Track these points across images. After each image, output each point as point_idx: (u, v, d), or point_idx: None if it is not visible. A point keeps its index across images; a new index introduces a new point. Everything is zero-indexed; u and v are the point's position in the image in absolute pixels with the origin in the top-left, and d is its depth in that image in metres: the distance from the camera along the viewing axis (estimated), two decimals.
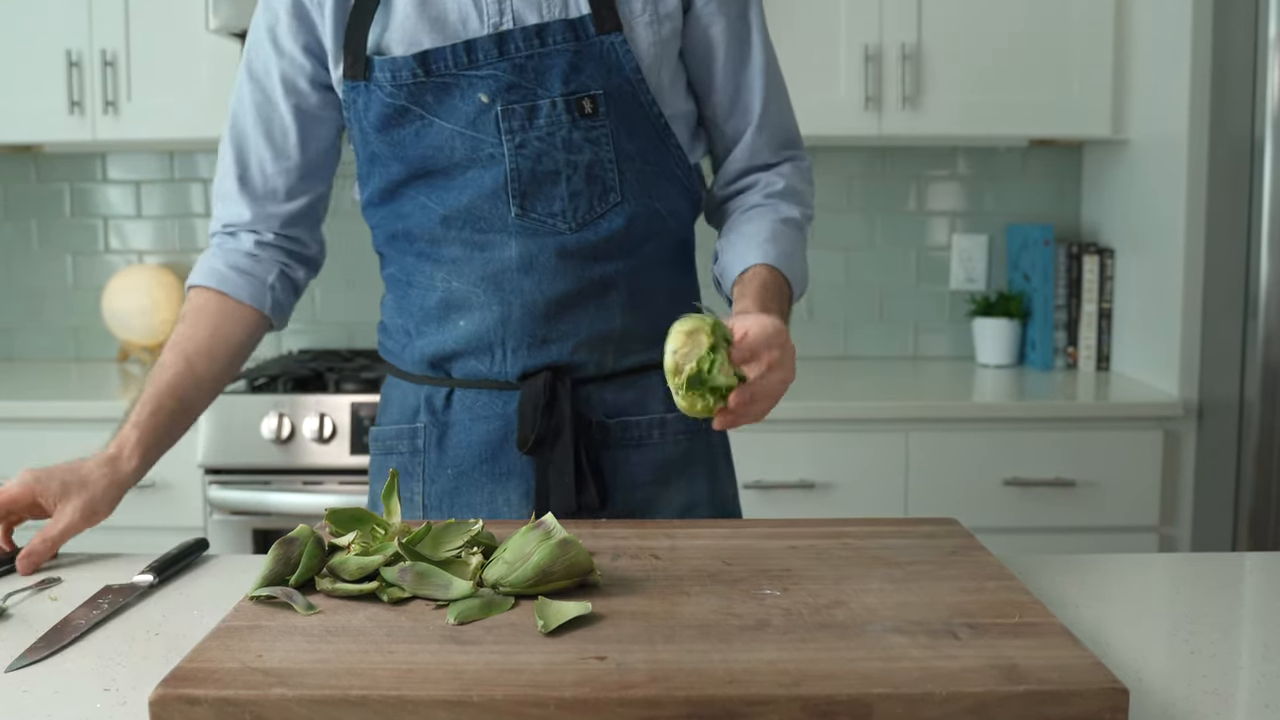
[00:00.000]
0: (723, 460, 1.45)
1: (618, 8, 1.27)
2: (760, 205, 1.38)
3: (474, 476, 1.35)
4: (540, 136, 1.27)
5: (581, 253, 1.30)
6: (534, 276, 1.30)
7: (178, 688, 0.79)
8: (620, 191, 1.31)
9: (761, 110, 1.37)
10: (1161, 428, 2.44)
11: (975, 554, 1.08)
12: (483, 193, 1.29)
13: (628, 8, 1.28)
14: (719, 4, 1.34)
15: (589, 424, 1.33)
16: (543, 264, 1.30)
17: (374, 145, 1.33)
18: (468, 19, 1.27)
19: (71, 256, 3.08)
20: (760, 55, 1.37)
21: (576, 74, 1.27)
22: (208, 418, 2.39)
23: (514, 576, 0.96)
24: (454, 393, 1.36)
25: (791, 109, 1.43)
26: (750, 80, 1.37)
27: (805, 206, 1.41)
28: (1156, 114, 2.53)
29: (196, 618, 1.04)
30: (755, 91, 1.37)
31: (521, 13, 1.27)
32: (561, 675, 0.81)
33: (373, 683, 0.79)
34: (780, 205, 1.38)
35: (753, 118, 1.38)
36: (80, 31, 2.64)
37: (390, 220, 1.36)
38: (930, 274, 3.05)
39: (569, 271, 1.30)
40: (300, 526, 1.03)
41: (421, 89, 1.28)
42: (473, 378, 1.35)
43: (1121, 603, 1.08)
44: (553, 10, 1.27)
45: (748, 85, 1.37)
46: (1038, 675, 0.80)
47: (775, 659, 0.83)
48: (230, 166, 1.39)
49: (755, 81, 1.37)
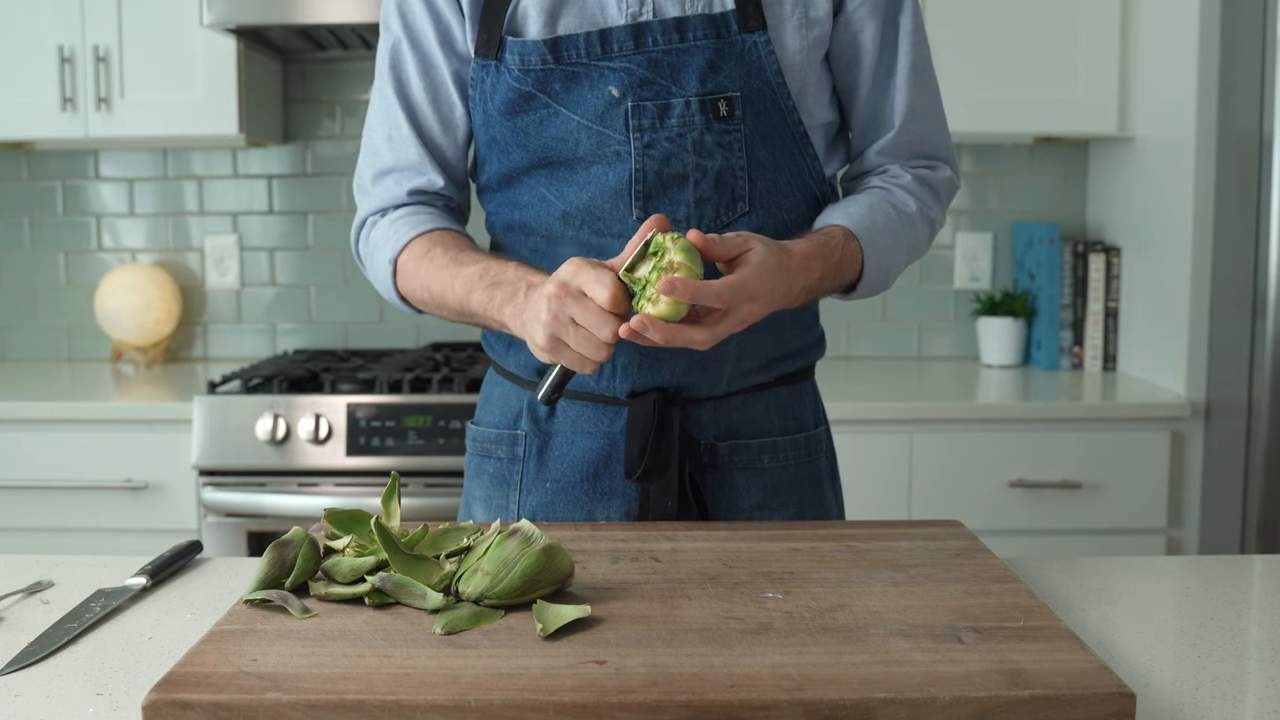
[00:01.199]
0: (829, 482, 1.40)
1: (765, 7, 1.23)
2: (877, 188, 1.32)
3: (574, 494, 1.31)
4: (670, 137, 1.23)
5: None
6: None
7: (171, 692, 0.79)
8: (749, 201, 1.25)
9: (902, 124, 1.31)
10: (1169, 428, 2.44)
11: (980, 557, 1.08)
12: (605, 191, 1.24)
13: (777, 8, 1.23)
14: (870, 8, 1.28)
15: (696, 445, 1.29)
16: None
17: (496, 129, 1.28)
18: (606, 6, 1.23)
19: (64, 255, 3.08)
20: (906, 63, 1.31)
21: (714, 73, 1.22)
22: (201, 419, 2.39)
23: (500, 588, 0.95)
24: (559, 403, 1.31)
25: (943, 123, 1.37)
26: (893, 90, 1.31)
27: (927, 207, 1.33)
28: (1163, 111, 2.53)
29: (190, 621, 1.04)
30: (897, 102, 1.31)
31: (662, 5, 1.22)
32: (560, 680, 0.81)
33: (368, 687, 0.79)
34: (897, 192, 1.31)
35: (891, 129, 1.32)
36: (72, 27, 2.64)
37: (507, 209, 1.32)
38: (934, 273, 3.05)
39: None
40: (295, 529, 1.03)
41: (549, 76, 1.23)
42: (579, 390, 1.30)
43: (1128, 606, 1.08)
44: (696, 4, 1.22)
45: (889, 96, 1.31)
46: (1043, 680, 0.80)
47: (777, 663, 0.83)
48: (408, 135, 1.32)
49: (898, 92, 1.31)
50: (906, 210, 1.30)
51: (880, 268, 1.27)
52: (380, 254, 1.32)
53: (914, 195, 1.32)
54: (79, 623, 1.02)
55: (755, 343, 1.29)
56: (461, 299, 1.23)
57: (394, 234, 1.31)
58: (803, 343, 1.36)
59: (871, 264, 1.26)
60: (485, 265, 1.21)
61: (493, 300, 1.18)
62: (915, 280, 3.04)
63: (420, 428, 2.38)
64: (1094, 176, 2.96)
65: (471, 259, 1.23)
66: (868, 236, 1.25)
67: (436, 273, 1.25)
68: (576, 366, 1.10)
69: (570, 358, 1.10)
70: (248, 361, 2.99)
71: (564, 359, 1.10)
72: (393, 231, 1.31)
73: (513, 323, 1.17)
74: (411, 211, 1.32)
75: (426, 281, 1.27)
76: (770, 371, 1.33)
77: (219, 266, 3.06)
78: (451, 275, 1.23)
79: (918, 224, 1.32)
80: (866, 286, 1.28)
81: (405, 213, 1.32)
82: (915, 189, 1.32)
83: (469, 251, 1.26)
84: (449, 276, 1.23)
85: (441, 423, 2.38)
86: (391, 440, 2.38)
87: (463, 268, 1.23)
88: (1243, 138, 2.30)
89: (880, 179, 1.33)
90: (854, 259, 1.24)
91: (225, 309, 3.08)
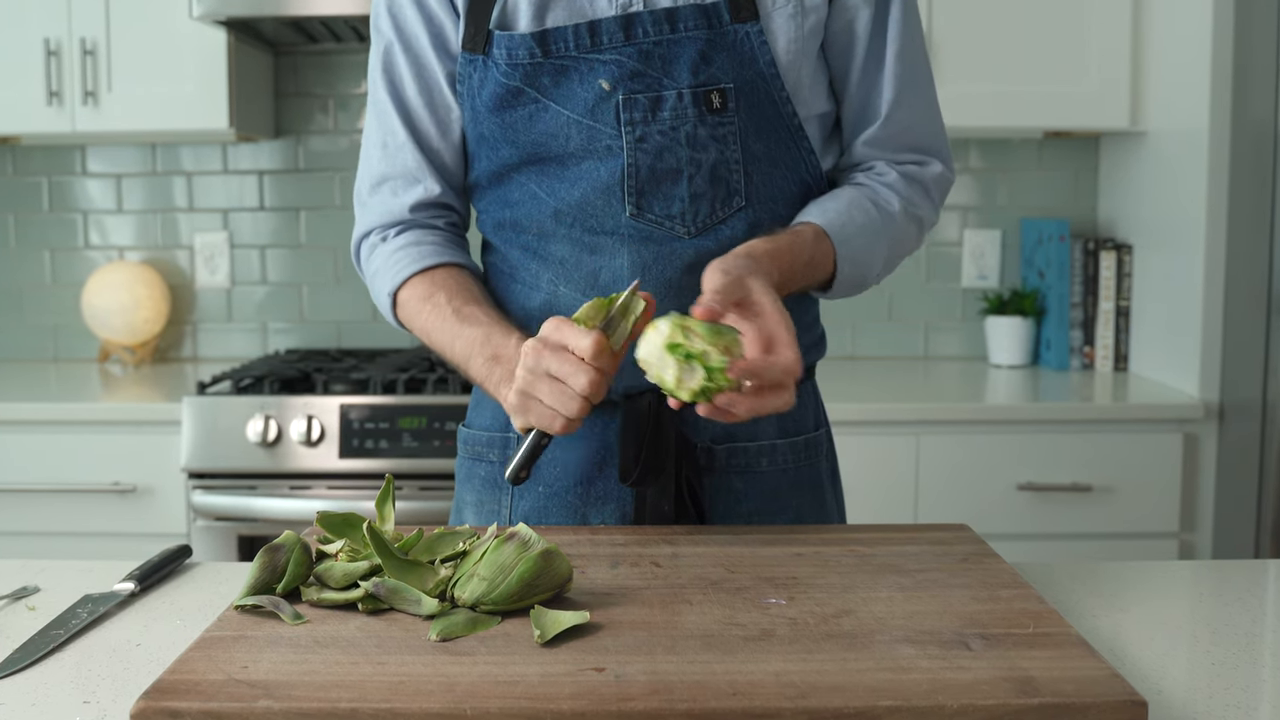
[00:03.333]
0: (829, 486, 1.40)
1: None
2: (860, 184, 1.31)
3: (567, 498, 1.31)
4: (663, 130, 1.22)
5: (698, 261, 1.22)
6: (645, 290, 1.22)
7: (160, 700, 0.79)
8: (745, 195, 1.25)
9: (888, 113, 1.31)
10: (1181, 430, 2.44)
11: (988, 561, 1.08)
12: (597, 187, 1.24)
13: None
14: None
15: (693, 448, 1.29)
16: (655, 276, 1.25)
17: (484, 125, 1.28)
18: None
19: (50, 252, 3.08)
20: (893, 50, 1.29)
21: (706, 65, 1.22)
22: (190, 420, 2.39)
23: (496, 594, 0.95)
24: None
25: (935, 114, 1.36)
26: (881, 79, 1.30)
27: (913, 205, 1.32)
28: (1176, 104, 2.53)
29: (179, 628, 1.04)
30: (884, 92, 1.30)
31: None
32: (558, 687, 0.81)
33: (362, 695, 0.79)
34: (880, 189, 1.30)
35: (877, 119, 1.31)
36: (59, 19, 2.64)
37: (497, 207, 1.32)
38: (941, 271, 3.05)
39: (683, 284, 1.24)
40: (287, 533, 1.03)
41: (538, 70, 1.23)
42: None
43: (1140, 612, 1.08)
44: None
45: (876, 85, 1.30)
46: (1053, 687, 0.80)
47: (780, 670, 0.83)
48: (404, 141, 1.31)
49: (886, 81, 1.30)
50: (889, 208, 1.30)
51: (856, 266, 1.27)
52: (380, 282, 1.32)
53: (898, 193, 1.31)
54: (65, 629, 1.02)
55: None
56: (462, 362, 1.24)
57: (394, 265, 1.31)
58: (803, 342, 1.35)
59: (845, 263, 1.26)
60: (488, 331, 1.21)
61: (490, 376, 1.20)
62: (922, 278, 3.04)
63: (415, 429, 2.39)
64: (1105, 172, 2.96)
65: (474, 317, 1.23)
66: (842, 235, 1.25)
67: (440, 325, 1.26)
68: (545, 423, 1.09)
69: (540, 414, 1.09)
70: (238, 361, 3.00)
71: (533, 416, 1.10)
72: (393, 262, 1.31)
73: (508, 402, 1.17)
74: (414, 240, 1.32)
75: (428, 329, 1.28)
76: None
77: (209, 264, 3.06)
78: (453, 334, 1.24)
79: (900, 222, 1.31)
80: (842, 285, 1.28)
81: (407, 241, 1.32)
82: (900, 186, 1.32)
83: (472, 305, 1.25)
84: (450, 335, 1.24)
85: (437, 424, 2.38)
86: (385, 442, 2.39)
87: (465, 326, 1.23)
88: (1258, 131, 2.30)
89: (864, 175, 1.33)
90: (826, 258, 1.24)
91: (215, 308, 3.08)
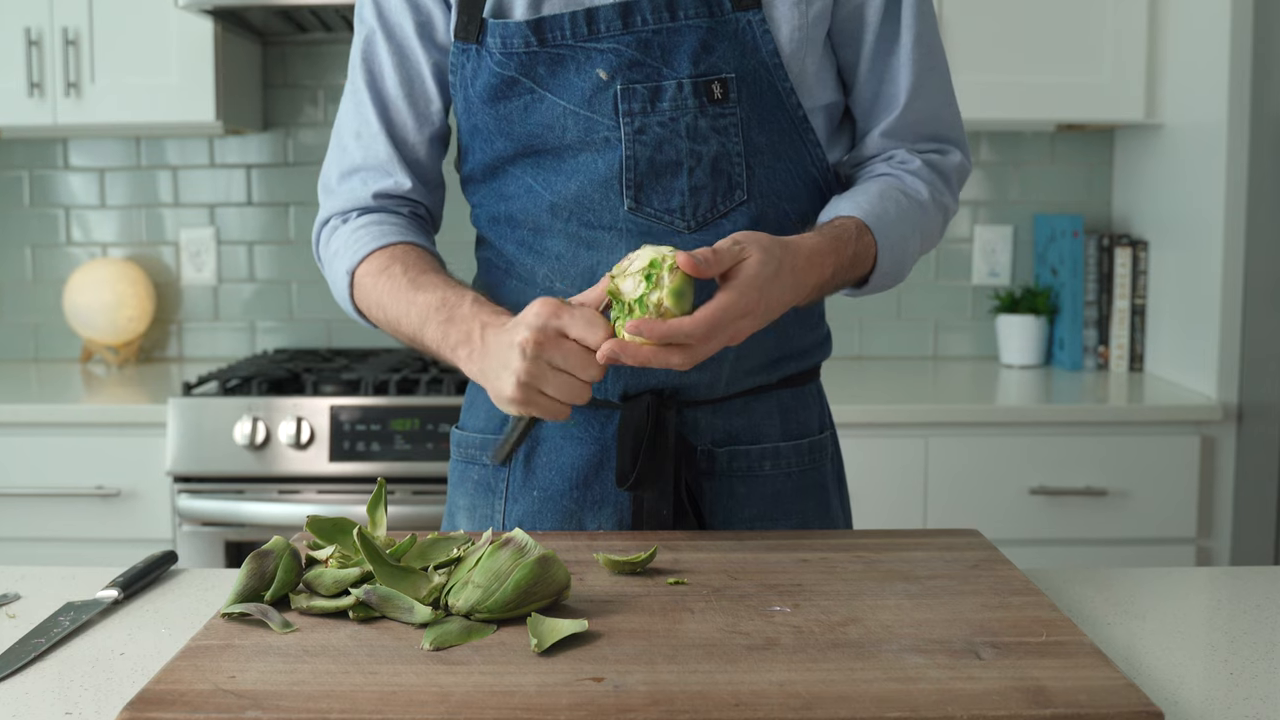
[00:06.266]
0: (835, 491, 1.39)
1: None
2: (886, 174, 1.30)
3: (562, 502, 1.30)
4: (662, 122, 1.22)
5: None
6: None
7: (144, 711, 0.79)
8: (746, 189, 1.24)
9: (907, 102, 1.30)
10: (1199, 432, 2.44)
11: (999, 568, 1.08)
12: (594, 180, 1.24)
13: None
14: None
15: (693, 451, 1.28)
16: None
17: (478, 117, 1.27)
18: None
19: (30, 249, 3.08)
20: (910, 37, 1.29)
21: (707, 54, 1.21)
22: (175, 422, 2.39)
23: (492, 601, 0.95)
24: None
25: (952, 102, 1.35)
26: (897, 67, 1.29)
27: (939, 194, 1.32)
28: (1193, 97, 2.53)
29: (164, 636, 1.04)
30: (901, 80, 1.30)
31: None
32: (555, 698, 0.81)
33: (353, 706, 0.80)
34: (907, 178, 1.30)
35: (896, 108, 1.30)
36: (40, 8, 2.64)
37: (492, 200, 1.31)
38: (951, 268, 3.05)
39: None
40: (275, 538, 1.03)
41: (533, 59, 1.23)
42: None
43: (1155, 620, 1.08)
44: None
45: (893, 73, 1.30)
46: (1066, 698, 0.80)
47: (785, 680, 0.83)
48: (377, 132, 1.32)
49: (902, 69, 1.29)
50: (919, 198, 1.29)
51: (894, 260, 1.26)
52: (339, 262, 1.31)
53: (925, 181, 1.31)
54: (47, 638, 1.02)
55: (755, 342, 1.27)
56: (416, 329, 1.22)
57: (354, 243, 1.30)
58: (807, 342, 1.36)
59: (886, 257, 1.24)
60: (443, 295, 1.20)
61: (446, 339, 1.18)
62: (931, 276, 3.04)
63: (407, 432, 2.39)
64: (1120, 166, 2.97)
65: (430, 284, 1.22)
66: (881, 227, 1.23)
67: (395, 294, 1.24)
68: (551, 415, 1.09)
69: (546, 406, 1.09)
70: (225, 361, 3.00)
71: (538, 407, 1.09)
72: (353, 240, 1.30)
73: (467, 367, 1.17)
74: (376, 220, 1.31)
75: (383, 301, 1.26)
76: (772, 373, 1.32)
77: (195, 261, 3.06)
78: (408, 301, 1.22)
79: (930, 212, 1.31)
80: (879, 281, 1.27)
81: (369, 221, 1.31)
82: (926, 174, 1.31)
83: (429, 274, 1.24)
84: (405, 302, 1.23)
85: (430, 426, 2.39)
86: (377, 445, 2.39)
87: (419, 293, 1.22)
88: (1277, 124, 2.30)
89: (888, 165, 1.32)
90: (868, 252, 1.23)
91: (201, 306, 3.08)
